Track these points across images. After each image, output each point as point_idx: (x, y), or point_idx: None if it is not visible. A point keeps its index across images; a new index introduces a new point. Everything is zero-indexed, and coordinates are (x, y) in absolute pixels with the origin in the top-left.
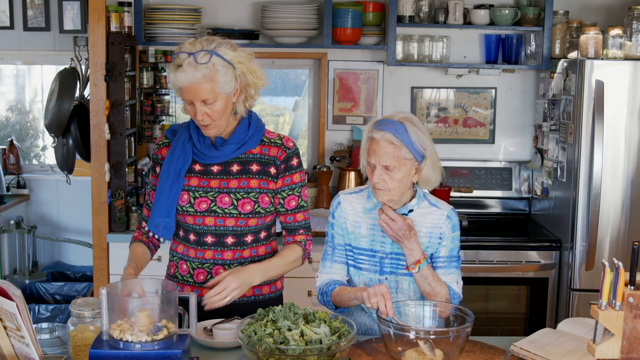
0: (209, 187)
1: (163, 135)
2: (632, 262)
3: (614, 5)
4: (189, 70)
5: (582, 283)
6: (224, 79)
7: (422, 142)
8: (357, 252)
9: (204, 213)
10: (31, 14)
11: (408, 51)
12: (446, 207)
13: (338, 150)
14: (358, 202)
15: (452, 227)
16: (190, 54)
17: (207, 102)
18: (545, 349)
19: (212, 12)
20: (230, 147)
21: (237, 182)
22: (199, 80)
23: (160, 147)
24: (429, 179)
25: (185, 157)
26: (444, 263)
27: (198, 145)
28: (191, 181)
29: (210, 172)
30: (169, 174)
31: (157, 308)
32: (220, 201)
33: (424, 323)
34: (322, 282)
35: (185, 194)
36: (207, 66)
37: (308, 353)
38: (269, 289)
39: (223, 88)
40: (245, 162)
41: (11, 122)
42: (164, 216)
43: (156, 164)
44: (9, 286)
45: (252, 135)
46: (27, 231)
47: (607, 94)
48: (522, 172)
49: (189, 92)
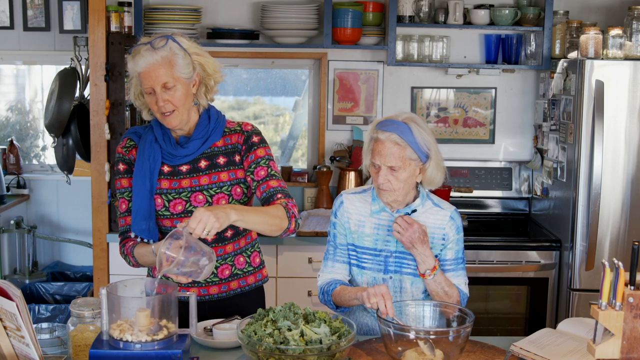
0: (181, 187)
1: (126, 138)
2: (632, 262)
3: (614, 5)
4: (147, 54)
5: (582, 283)
6: (183, 62)
7: (426, 142)
8: (360, 252)
9: (181, 215)
10: (31, 14)
11: (408, 51)
12: (449, 207)
13: (338, 150)
14: (362, 203)
15: (456, 229)
16: (147, 43)
17: (168, 86)
18: (545, 349)
19: (212, 12)
20: (195, 142)
21: (207, 178)
22: (158, 62)
23: (129, 149)
24: (433, 179)
25: (155, 158)
26: (452, 266)
27: (164, 145)
28: (162, 184)
29: (179, 173)
30: (144, 175)
31: (157, 308)
32: (194, 200)
33: (424, 323)
34: (323, 281)
35: (159, 198)
36: (164, 49)
37: (308, 353)
38: (254, 279)
39: (182, 72)
40: (211, 156)
41: (11, 122)
42: (147, 219)
43: (130, 165)
44: (9, 286)
45: (214, 128)
46: (27, 231)
47: (607, 94)
48: (522, 172)
49: (149, 77)
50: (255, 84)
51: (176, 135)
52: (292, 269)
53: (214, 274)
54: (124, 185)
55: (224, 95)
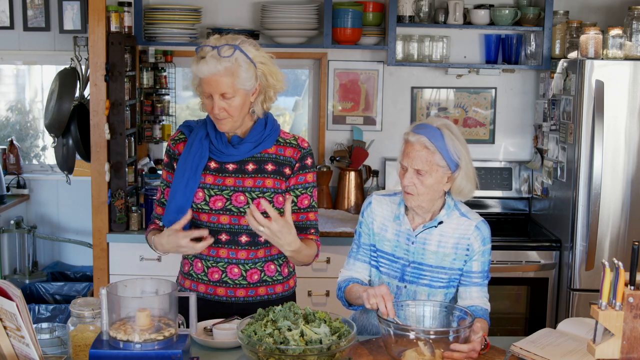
0: (224, 185)
1: (178, 130)
2: (632, 262)
3: (614, 5)
4: (211, 61)
5: (582, 283)
6: (245, 75)
7: (457, 151)
8: (380, 255)
9: (219, 211)
10: (31, 14)
11: (408, 51)
12: (476, 218)
13: (338, 150)
14: (389, 205)
15: (482, 240)
16: (214, 47)
17: (226, 96)
18: (545, 349)
19: (212, 12)
20: (246, 145)
21: (252, 181)
22: (221, 72)
23: (176, 142)
24: (462, 190)
25: (202, 154)
26: (479, 279)
27: (215, 142)
28: (207, 179)
29: (225, 170)
30: (185, 170)
31: (157, 308)
32: (235, 200)
33: (424, 323)
34: (342, 278)
35: (201, 192)
36: (229, 59)
37: (308, 353)
38: (282, 288)
39: (243, 84)
40: (260, 161)
41: (11, 122)
42: (179, 212)
43: (173, 159)
44: (9, 286)
45: (268, 135)
46: (27, 231)
47: (607, 94)
48: (522, 172)
49: (209, 84)
50: None
51: (229, 135)
52: None
53: (243, 276)
54: (163, 177)
55: None
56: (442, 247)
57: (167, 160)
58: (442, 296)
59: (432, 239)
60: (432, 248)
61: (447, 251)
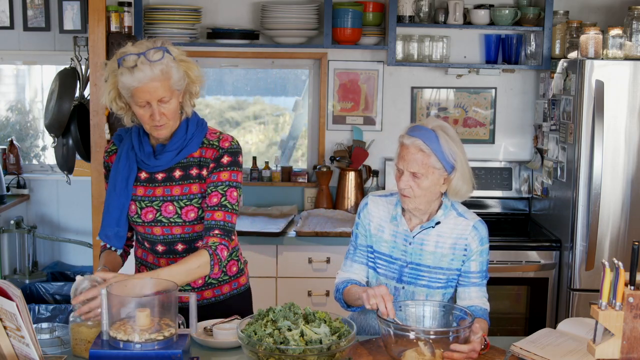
0: (154, 196)
1: (111, 141)
2: (632, 262)
3: (614, 5)
4: (144, 68)
5: (582, 283)
6: (177, 75)
7: (452, 153)
8: (377, 256)
9: (151, 223)
10: (31, 14)
11: (408, 51)
12: (474, 217)
13: (338, 150)
14: (385, 206)
15: (479, 239)
16: (139, 54)
17: (164, 100)
18: (545, 349)
19: (212, 12)
20: (168, 154)
21: (179, 189)
22: (157, 77)
23: (109, 154)
24: (458, 191)
25: (130, 167)
26: (478, 279)
27: (139, 154)
28: (138, 190)
29: (155, 180)
30: (116, 184)
31: (157, 308)
32: (165, 210)
33: (423, 323)
34: (339, 279)
35: (133, 204)
36: (161, 62)
37: (308, 353)
38: (229, 288)
39: (177, 85)
40: (186, 166)
41: (11, 122)
42: (113, 226)
43: (109, 171)
44: (9, 286)
45: (190, 139)
46: (27, 231)
47: (607, 94)
48: (522, 172)
49: (145, 92)
50: (255, 84)
51: (154, 143)
52: (292, 269)
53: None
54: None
55: (224, 95)
56: (439, 247)
57: (105, 172)
58: (440, 296)
59: (430, 240)
60: (429, 249)
61: (444, 251)
